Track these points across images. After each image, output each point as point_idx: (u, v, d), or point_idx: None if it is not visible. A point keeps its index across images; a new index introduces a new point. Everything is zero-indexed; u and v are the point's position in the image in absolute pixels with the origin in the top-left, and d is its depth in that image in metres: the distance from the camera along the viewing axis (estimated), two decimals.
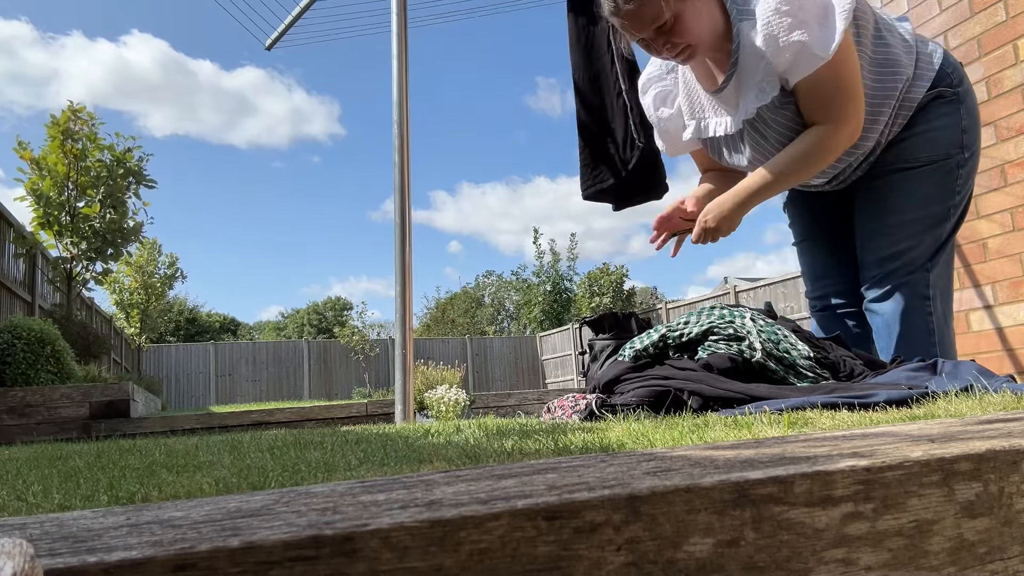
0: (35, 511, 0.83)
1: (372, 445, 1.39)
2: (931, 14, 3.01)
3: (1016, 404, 1.19)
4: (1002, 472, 0.63)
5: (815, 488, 0.55)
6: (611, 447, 1.06)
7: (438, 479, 0.60)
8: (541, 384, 20.23)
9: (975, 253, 2.85)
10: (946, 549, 0.59)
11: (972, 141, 2.01)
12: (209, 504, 0.53)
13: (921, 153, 2.00)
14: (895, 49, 1.96)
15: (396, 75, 3.14)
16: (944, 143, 1.99)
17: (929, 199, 2.00)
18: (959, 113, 2.00)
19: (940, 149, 1.99)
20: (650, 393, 1.76)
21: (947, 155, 1.99)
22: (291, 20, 4.60)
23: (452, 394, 5.32)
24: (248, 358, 18.73)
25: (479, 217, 67.32)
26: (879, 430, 0.87)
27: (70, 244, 6.90)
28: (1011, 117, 2.70)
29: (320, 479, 0.92)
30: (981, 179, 2.81)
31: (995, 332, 2.78)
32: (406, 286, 3.00)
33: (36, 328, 4.75)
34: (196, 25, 67.94)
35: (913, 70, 1.98)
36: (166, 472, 1.17)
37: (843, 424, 1.11)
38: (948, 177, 1.99)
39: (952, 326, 2.07)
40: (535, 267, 23.23)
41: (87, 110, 7.09)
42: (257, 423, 4.08)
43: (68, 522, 0.49)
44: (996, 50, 2.76)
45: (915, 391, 1.45)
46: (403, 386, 2.94)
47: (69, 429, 3.89)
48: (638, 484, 0.51)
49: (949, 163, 1.99)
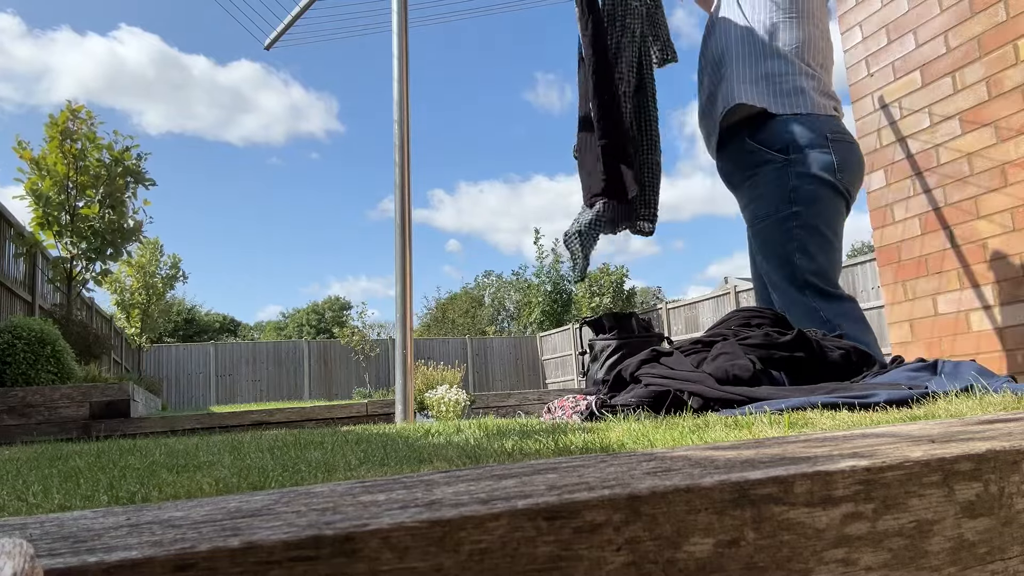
0: (35, 511, 0.83)
1: (372, 445, 1.38)
2: (931, 14, 3.01)
3: (1016, 404, 1.19)
4: (1002, 472, 0.63)
5: (815, 488, 0.55)
6: (611, 447, 1.06)
7: (438, 479, 0.60)
8: (541, 384, 20.23)
9: (975, 253, 2.85)
10: (946, 549, 0.59)
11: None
12: (209, 504, 0.53)
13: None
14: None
15: (397, 76, 3.14)
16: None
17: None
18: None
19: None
20: (650, 393, 1.76)
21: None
22: (290, 20, 4.58)
23: (452, 394, 5.32)
24: (248, 358, 18.73)
25: (478, 216, 67.28)
26: (879, 430, 0.87)
27: (70, 244, 6.89)
28: (1011, 117, 2.70)
29: (320, 479, 0.92)
30: (981, 179, 2.82)
31: (995, 332, 2.78)
32: (406, 286, 3.00)
33: (36, 328, 4.75)
34: (187, 19, 67.17)
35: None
36: (166, 472, 1.17)
37: (843, 424, 1.11)
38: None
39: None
40: (535, 267, 23.23)
41: (86, 109, 7.09)
42: (257, 423, 4.08)
43: (68, 522, 0.49)
44: (996, 50, 2.76)
45: (915, 391, 1.45)
46: (403, 386, 2.94)
47: (69, 429, 3.89)
48: (638, 484, 0.51)
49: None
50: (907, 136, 3.13)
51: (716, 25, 2.84)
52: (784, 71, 2.62)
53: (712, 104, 2.79)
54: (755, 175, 2.67)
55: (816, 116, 2.59)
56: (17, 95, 63.82)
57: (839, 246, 2.62)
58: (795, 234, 2.53)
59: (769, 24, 2.66)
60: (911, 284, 3.14)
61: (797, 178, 2.54)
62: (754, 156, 2.66)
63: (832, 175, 2.53)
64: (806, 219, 2.53)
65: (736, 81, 2.67)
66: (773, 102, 2.60)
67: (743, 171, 2.73)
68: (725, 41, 2.76)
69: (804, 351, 1.93)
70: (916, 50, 3.08)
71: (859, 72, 3.37)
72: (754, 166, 2.67)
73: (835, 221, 2.59)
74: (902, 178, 3.17)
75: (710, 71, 2.83)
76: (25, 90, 63.92)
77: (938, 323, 3.02)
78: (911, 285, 3.14)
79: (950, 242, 2.95)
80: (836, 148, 2.56)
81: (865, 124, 3.34)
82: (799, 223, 2.53)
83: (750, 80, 2.65)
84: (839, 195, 2.57)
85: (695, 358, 2.00)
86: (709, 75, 2.84)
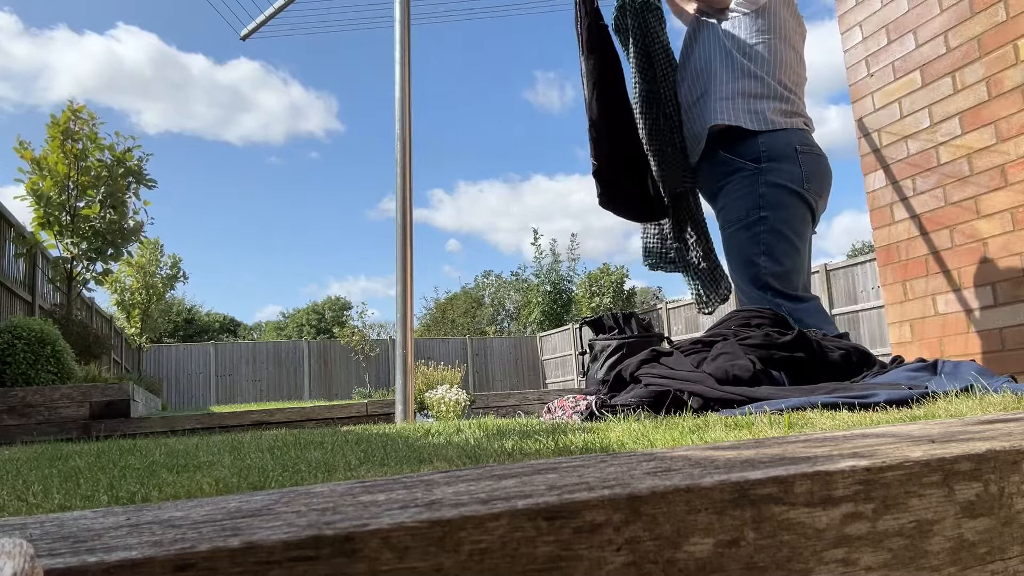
0: (35, 511, 0.83)
1: (372, 445, 1.38)
2: (931, 14, 3.01)
3: (1016, 404, 1.19)
4: (1002, 472, 0.63)
5: (815, 488, 0.55)
6: (611, 447, 1.06)
7: (438, 479, 0.60)
8: (541, 384, 20.22)
9: (975, 253, 2.85)
10: (946, 549, 0.59)
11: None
12: (209, 504, 0.53)
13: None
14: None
15: (399, 79, 3.14)
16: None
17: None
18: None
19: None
20: (650, 393, 1.76)
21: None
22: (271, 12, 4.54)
23: (452, 394, 5.31)
24: (248, 358, 18.73)
25: (477, 215, 67.14)
26: (879, 430, 0.87)
27: (70, 244, 6.89)
28: (1011, 117, 2.70)
29: (320, 479, 0.92)
30: (981, 179, 2.82)
31: (995, 332, 2.78)
32: (407, 286, 3.00)
33: (36, 328, 4.75)
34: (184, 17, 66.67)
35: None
36: (166, 472, 1.17)
37: (843, 424, 1.11)
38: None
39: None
40: (534, 268, 23.22)
41: (87, 110, 7.10)
42: (257, 423, 4.08)
43: (68, 522, 0.49)
44: (996, 50, 2.76)
45: (915, 391, 1.45)
46: (403, 386, 2.94)
47: (69, 429, 3.89)
48: (638, 484, 0.51)
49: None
50: (907, 136, 3.13)
51: (698, 39, 3.01)
52: (759, 91, 2.81)
53: (697, 112, 2.97)
54: (727, 183, 2.85)
55: (787, 131, 2.78)
56: (15, 94, 63.52)
57: (806, 253, 2.80)
58: (762, 238, 2.69)
59: (747, 45, 2.86)
60: (911, 284, 3.14)
61: (766, 186, 2.71)
62: (726, 166, 2.84)
63: (800, 186, 2.72)
64: (773, 224, 2.69)
65: (715, 99, 2.86)
66: (747, 119, 2.79)
67: (716, 180, 2.92)
68: (707, 57, 2.95)
69: (804, 351, 1.93)
70: (916, 50, 3.08)
71: (859, 72, 3.36)
72: (726, 175, 2.85)
73: (801, 228, 2.76)
74: (902, 178, 3.17)
75: (691, 81, 3.02)
76: (23, 89, 63.60)
77: (938, 323, 3.02)
78: (911, 285, 3.14)
79: (950, 242, 2.95)
80: (804, 160, 2.74)
81: (865, 124, 3.34)
82: (766, 228, 2.69)
83: (727, 97, 2.84)
84: (805, 204, 2.75)
85: (695, 358, 1.99)
86: (690, 83, 3.02)
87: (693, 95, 2.98)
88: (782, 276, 2.67)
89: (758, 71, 2.83)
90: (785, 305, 2.57)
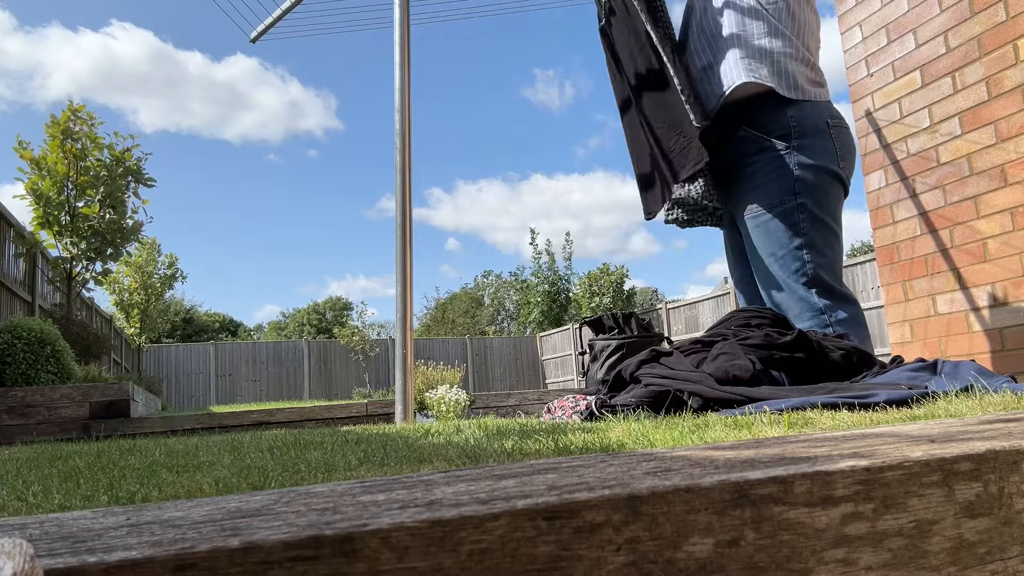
0: (35, 511, 0.83)
1: (372, 445, 1.38)
2: (931, 14, 3.01)
3: (1016, 404, 1.19)
4: (1002, 472, 0.63)
5: (815, 488, 0.55)
6: (611, 447, 1.06)
7: (438, 479, 0.60)
8: (541, 384, 20.22)
9: (975, 253, 2.85)
10: (946, 549, 0.59)
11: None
12: (209, 504, 0.53)
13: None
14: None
15: (398, 82, 3.14)
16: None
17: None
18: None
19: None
20: (650, 393, 1.76)
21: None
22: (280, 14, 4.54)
23: (452, 394, 5.31)
24: (248, 358, 18.73)
25: (476, 215, 67.17)
26: (879, 430, 0.87)
27: (70, 244, 6.89)
28: (1011, 117, 2.70)
29: (320, 479, 0.92)
30: (981, 179, 2.82)
31: (995, 332, 2.78)
32: (407, 287, 3.00)
33: (36, 328, 4.75)
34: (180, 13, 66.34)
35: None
36: (166, 472, 1.17)
37: (843, 424, 1.11)
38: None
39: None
40: (532, 268, 23.20)
41: (87, 110, 7.10)
42: (257, 423, 4.08)
43: (68, 522, 0.49)
44: (996, 50, 2.76)
45: (915, 391, 1.45)
46: (403, 386, 2.94)
47: (69, 429, 3.89)
48: (638, 484, 0.51)
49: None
50: (907, 136, 3.13)
51: None
52: (790, 52, 2.49)
53: (709, 75, 2.62)
54: (752, 165, 2.53)
55: (816, 102, 2.50)
56: (9, 92, 63.10)
57: (842, 238, 2.54)
58: (802, 228, 2.42)
59: (770, 1, 2.54)
60: (911, 284, 3.14)
61: (800, 168, 2.41)
62: (750, 145, 2.52)
63: (836, 164, 2.44)
64: (813, 211, 2.42)
65: (739, 58, 2.51)
66: (779, 83, 2.46)
67: (737, 162, 2.58)
68: (726, 13, 2.59)
69: (804, 351, 1.93)
70: (916, 50, 3.08)
71: (859, 72, 3.36)
72: (750, 155, 2.53)
73: (838, 212, 2.50)
74: (902, 178, 3.17)
75: (705, 41, 2.66)
76: (17, 87, 63.21)
77: (938, 323, 3.02)
78: (911, 285, 3.14)
79: (950, 242, 2.95)
80: (836, 135, 2.47)
81: (865, 124, 3.34)
82: (806, 216, 2.41)
83: (753, 56, 2.50)
84: (840, 184, 2.49)
85: (695, 358, 2.00)
86: (706, 42, 2.65)
87: (707, 57, 2.62)
88: (827, 267, 2.42)
89: (786, 31, 2.50)
90: (828, 312, 2.36)
